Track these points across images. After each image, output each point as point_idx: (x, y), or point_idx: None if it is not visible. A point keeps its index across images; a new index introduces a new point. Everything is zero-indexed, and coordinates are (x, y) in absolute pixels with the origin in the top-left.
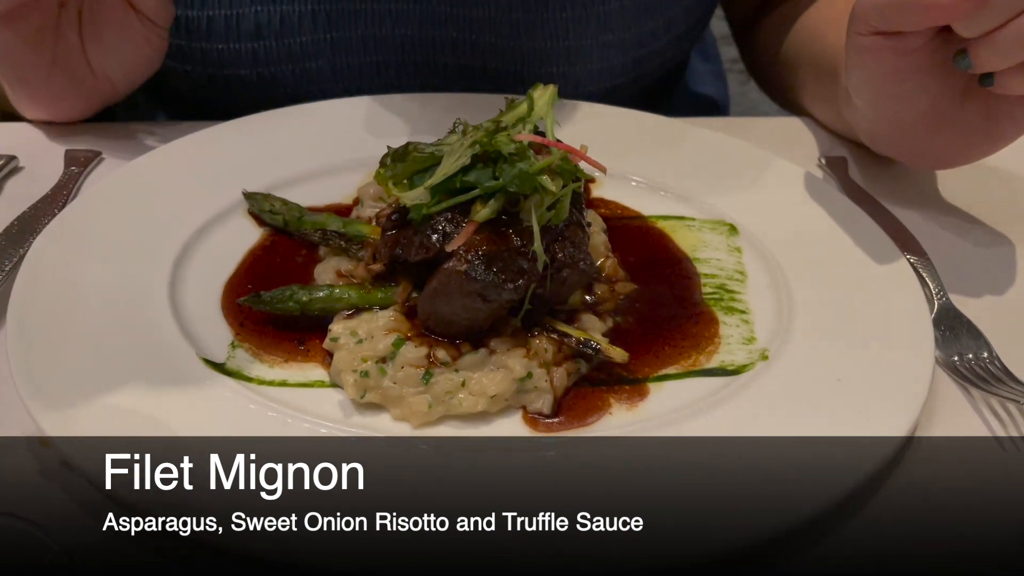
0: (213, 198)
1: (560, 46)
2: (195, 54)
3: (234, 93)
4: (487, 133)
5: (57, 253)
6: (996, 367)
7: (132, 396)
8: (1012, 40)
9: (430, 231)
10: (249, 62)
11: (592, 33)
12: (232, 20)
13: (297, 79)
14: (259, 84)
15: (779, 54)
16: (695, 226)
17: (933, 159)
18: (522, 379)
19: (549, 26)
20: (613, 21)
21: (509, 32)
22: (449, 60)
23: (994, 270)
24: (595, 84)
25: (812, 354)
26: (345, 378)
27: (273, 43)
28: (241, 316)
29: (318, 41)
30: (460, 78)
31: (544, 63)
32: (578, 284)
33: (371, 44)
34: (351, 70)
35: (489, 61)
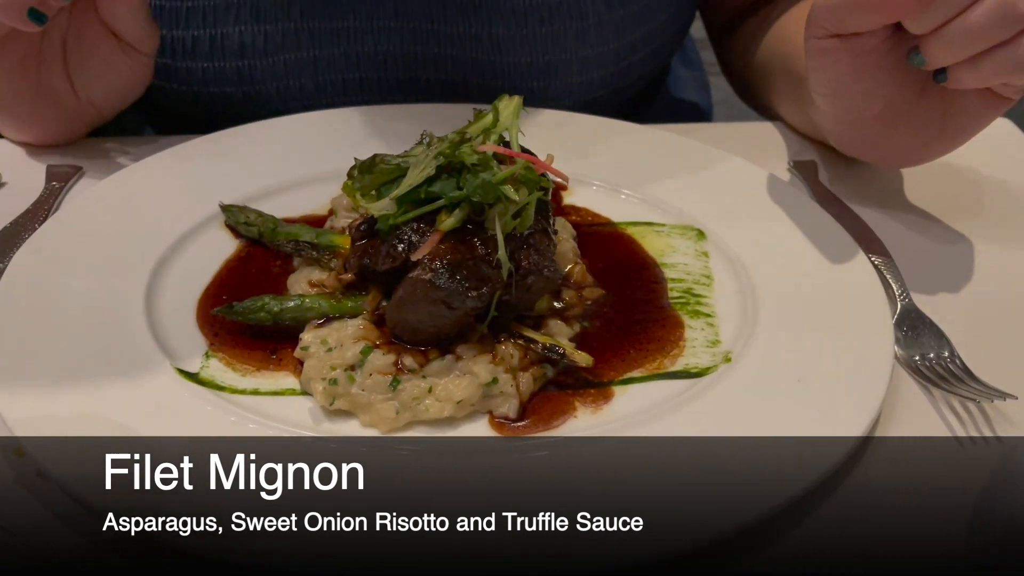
0: (190, 211)
1: (540, 60)
2: (180, 73)
3: (220, 110)
4: (451, 144)
5: (36, 267)
6: (957, 366)
7: (107, 406)
8: (961, 34)
9: (396, 241)
10: (234, 80)
11: (572, 48)
12: (217, 39)
13: (282, 96)
14: (244, 101)
15: (754, 59)
16: (664, 231)
17: (895, 157)
18: (488, 384)
19: (529, 41)
20: (592, 36)
21: (489, 47)
22: (431, 76)
23: (958, 271)
24: (576, 97)
25: (774, 356)
26: (315, 386)
27: (257, 62)
28: (216, 326)
29: (301, 59)
30: (442, 94)
31: (525, 78)
32: (544, 290)
33: (353, 61)
34: (335, 87)
35: (470, 76)
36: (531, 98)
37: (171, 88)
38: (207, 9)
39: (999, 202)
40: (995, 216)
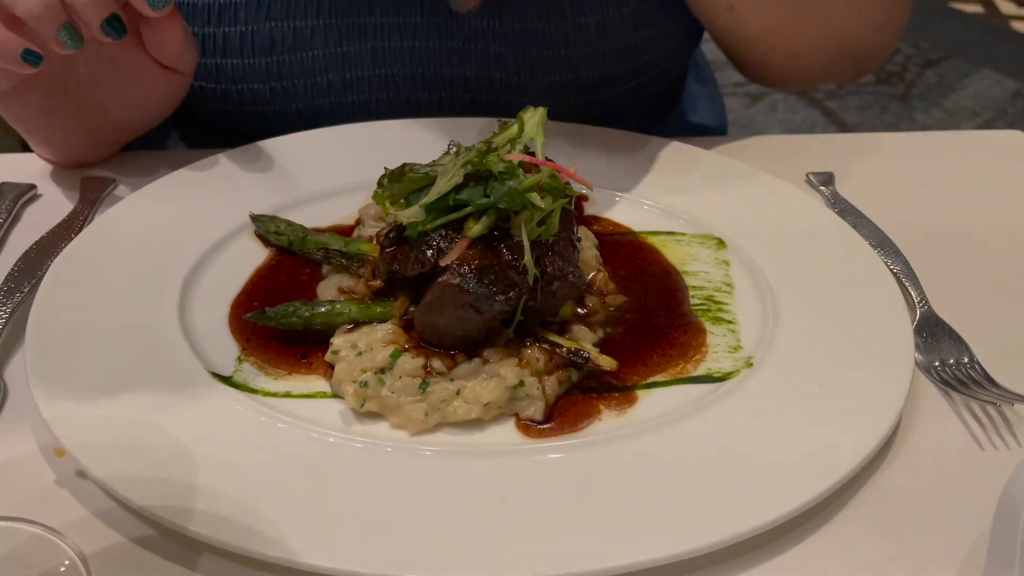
0: (221, 221)
1: (563, 54)
2: (210, 70)
3: (247, 107)
4: (479, 153)
5: (73, 275)
6: (976, 371)
7: (143, 408)
8: None
9: (425, 247)
10: (263, 76)
11: (592, 41)
12: (247, 36)
13: (310, 92)
14: (272, 98)
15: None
16: (684, 241)
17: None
18: (515, 387)
19: (551, 34)
20: (612, 29)
21: (513, 41)
22: (455, 71)
23: (976, 278)
24: (597, 92)
25: (796, 361)
26: (346, 388)
27: (287, 57)
28: (247, 332)
29: (329, 55)
30: (466, 89)
31: (547, 71)
32: (568, 296)
33: (380, 57)
34: (360, 83)
35: (494, 71)
36: (554, 91)
37: (200, 86)
38: (238, 6)
39: (1013, 209)
40: (1010, 223)
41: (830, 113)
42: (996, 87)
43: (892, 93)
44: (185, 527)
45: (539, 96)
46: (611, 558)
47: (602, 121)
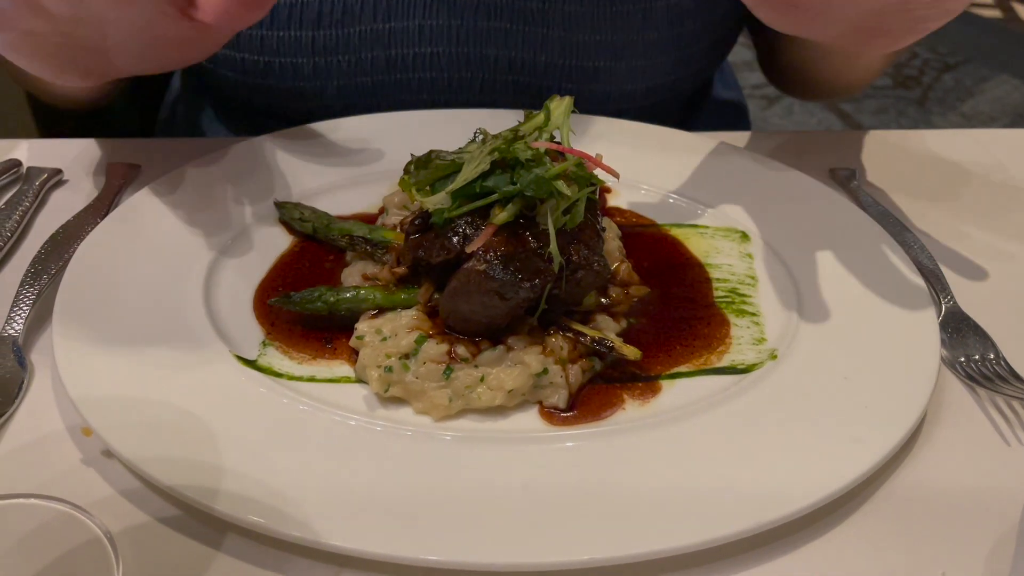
0: (246, 207)
1: (608, 39)
2: (254, 41)
3: (287, 82)
4: (506, 141)
5: (99, 258)
6: (1002, 367)
7: (168, 390)
8: None
9: (451, 234)
10: (308, 50)
11: (637, 28)
12: (296, 7)
13: (352, 69)
14: (314, 74)
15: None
16: (708, 233)
17: (878, 47)
18: (538, 374)
19: (598, 19)
20: (658, 18)
21: (560, 24)
22: (499, 52)
23: (1001, 275)
24: (638, 82)
25: (820, 354)
26: (370, 373)
27: (333, 32)
28: (272, 317)
29: (376, 31)
30: (509, 70)
31: (592, 56)
32: (592, 285)
33: (425, 34)
34: (404, 60)
35: (538, 54)
36: (597, 79)
37: (240, 58)
38: None
39: None
40: None
41: (846, 116)
42: (1014, 92)
43: (909, 97)
44: (210, 506)
45: (581, 80)
46: (632, 546)
47: (631, 117)
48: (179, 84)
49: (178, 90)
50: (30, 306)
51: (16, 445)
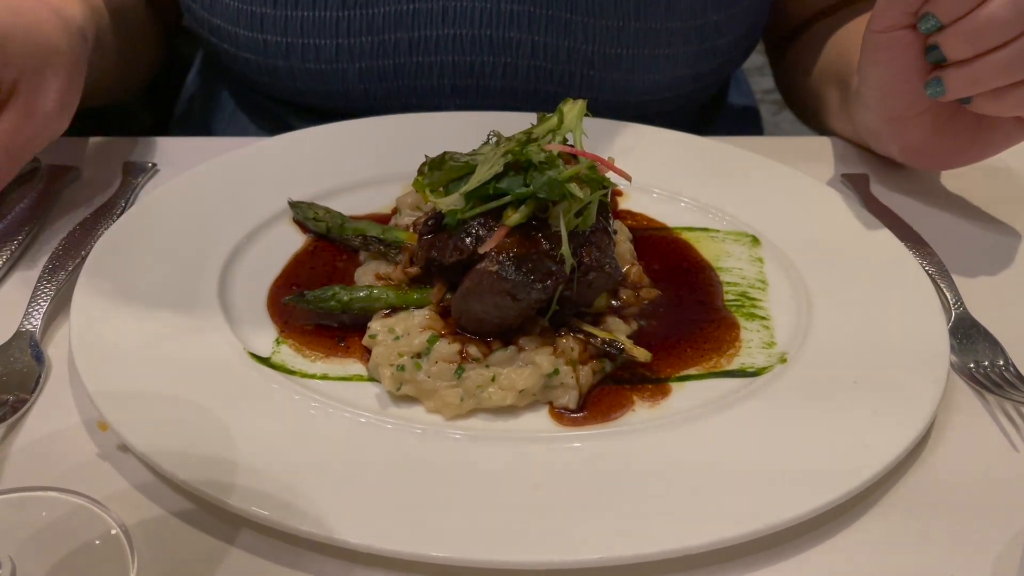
0: (260, 207)
1: (631, 26)
2: (278, 22)
3: (309, 63)
4: (519, 143)
5: (116, 256)
6: (1011, 373)
7: (184, 386)
8: (985, 69)
9: (464, 235)
10: (331, 31)
11: (661, 17)
12: None
13: (375, 51)
14: (336, 56)
15: (810, 67)
16: (718, 237)
17: (930, 158)
18: (549, 375)
19: (622, 5)
20: (682, 7)
21: (584, 9)
22: (523, 36)
23: (1012, 281)
24: (661, 71)
25: (830, 358)
26: (383, 372)
27: (357, 12)
28: (285, 315)
29: (400, 12)
30: (532, 55)
31: (615, 43)
32: (604, 287)
33: (449, 16)
34: (427, 42)
35: (562, 39)
36: (620, 67)
37: (262, 40)
38: None
39: None
40: None
41: None
42: None
43: None
44: (225, 501)
45: (603, 68)
46: (642, 546)
47: (649, 121)
48: (195, 79)
49: (194, 87)
50: (48, 302)
51: (34, 438)
